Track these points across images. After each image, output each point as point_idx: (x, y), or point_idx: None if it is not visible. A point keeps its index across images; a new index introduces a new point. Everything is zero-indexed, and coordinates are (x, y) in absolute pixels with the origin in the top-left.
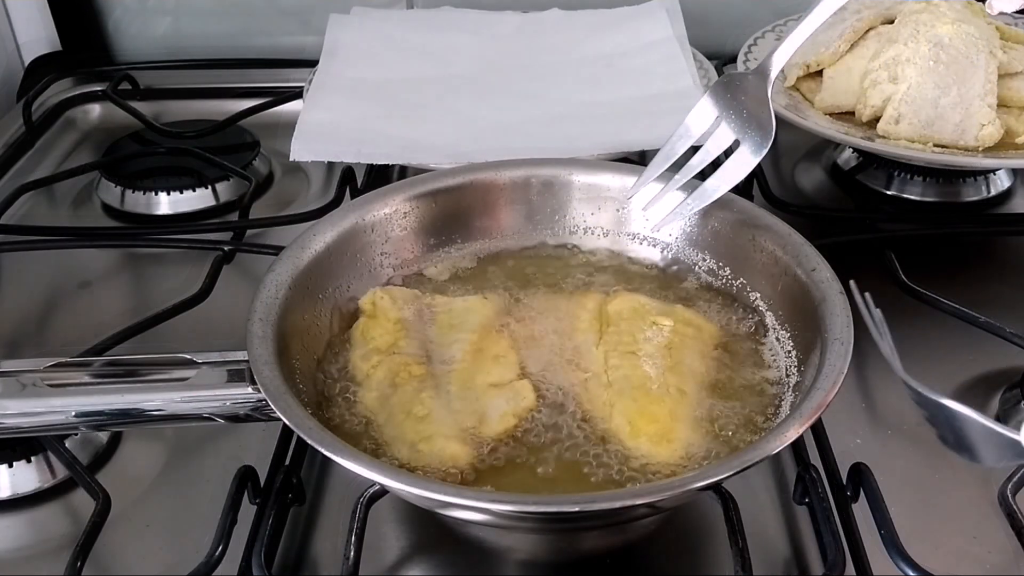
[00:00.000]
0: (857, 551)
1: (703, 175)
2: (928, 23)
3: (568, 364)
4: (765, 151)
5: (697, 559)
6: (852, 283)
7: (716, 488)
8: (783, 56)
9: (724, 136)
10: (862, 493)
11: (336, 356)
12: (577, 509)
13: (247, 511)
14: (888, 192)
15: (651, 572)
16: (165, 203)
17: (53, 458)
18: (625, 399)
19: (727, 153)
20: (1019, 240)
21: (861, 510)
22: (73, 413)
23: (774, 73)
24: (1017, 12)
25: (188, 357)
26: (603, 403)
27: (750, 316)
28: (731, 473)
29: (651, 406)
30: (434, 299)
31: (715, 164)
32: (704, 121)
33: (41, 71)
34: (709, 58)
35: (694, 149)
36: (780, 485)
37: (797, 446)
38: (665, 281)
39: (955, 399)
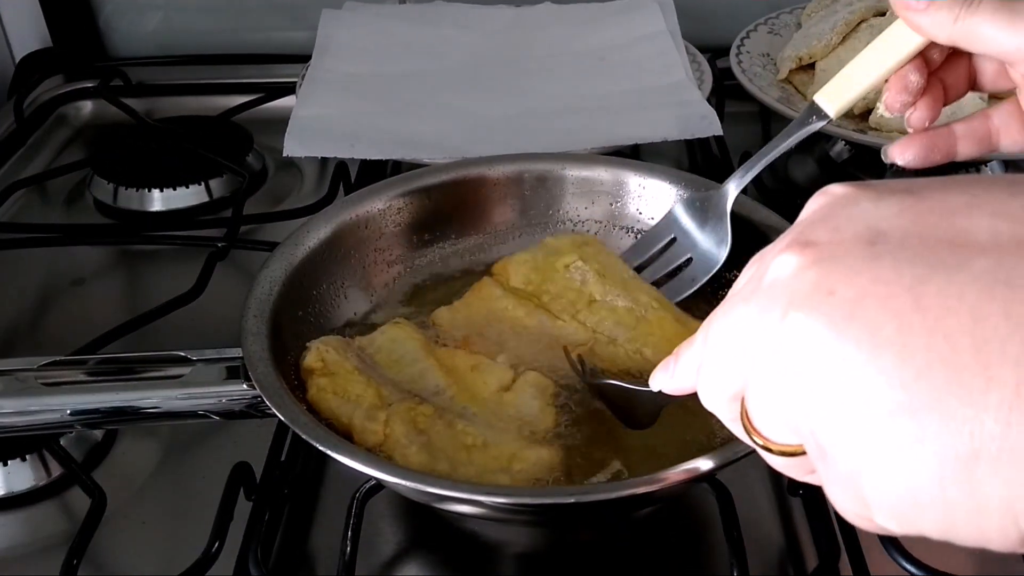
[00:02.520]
0: (852, 542)
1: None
2: None
3: (548, 342)
4: (717, 265)
5: (692, 551)
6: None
7: (710, 480)
8: (745, 179)
9: (677, 252)
10: None
11: None
12: (572, 501)
13: (243, 508)
14: None
15: (646, 564)
16: (158, 199)
17: (48, 456)
18: (634, 333)
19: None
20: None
21: None
22: (68, 411)
23: (730, 199)
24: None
25: (183, 354)
26: (612, 353)
27: None
28: (724, 463)
29: (663, 323)
30: (356, 341)
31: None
32: (660, 238)
33: (32, 68)
34: (702, 51)
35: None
36: (775, 476)
37: None
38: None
39: None
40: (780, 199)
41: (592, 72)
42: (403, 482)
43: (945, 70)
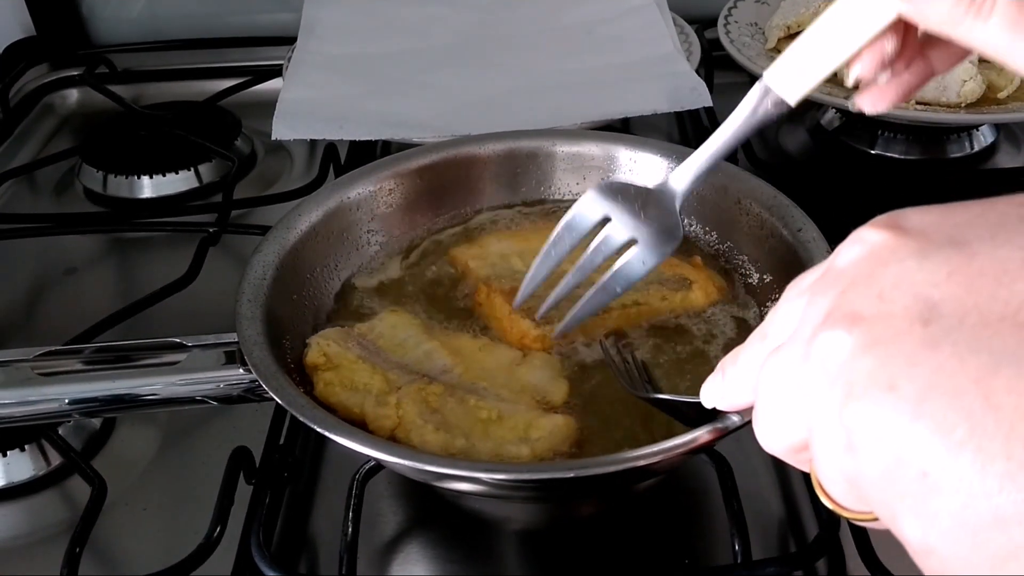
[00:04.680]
0: None
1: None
2: None
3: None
4: (671, 249)
5: (693, 522)
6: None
7: (710, 451)
8: (685, 176)
9: (617, 234)
10: None
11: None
12: (572, 475)
13: (244, 492)
14: (872, 152)
15: (647, 537)
16: (148, 186)
17: (47, 446)
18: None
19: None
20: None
21: None
22: (66, 401)
23: (680, 199)
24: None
25: (178, 341)
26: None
27: (738, 278)
28: (722, 434)
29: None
30: (356, 328)
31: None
32: (589, 219)
33: (16, 57)
34: (689, 22)
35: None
36: None
37: None
38: None
39: None
40: (771, 169)
41: (580, 46)
42: (401, 461)
43: (932, 45)
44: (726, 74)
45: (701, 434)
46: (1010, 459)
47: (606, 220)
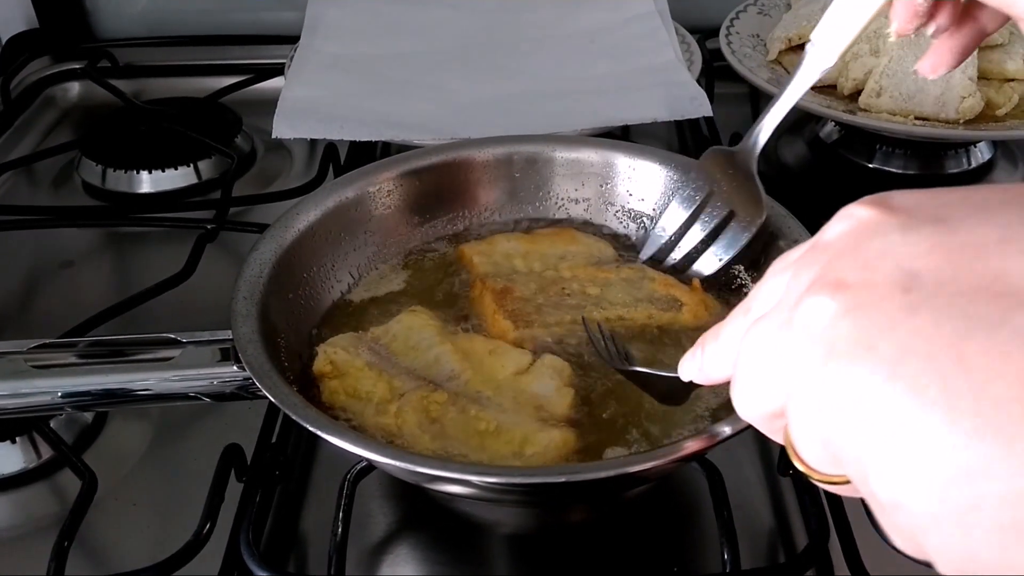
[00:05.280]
0: (841, 521)
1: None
2: None
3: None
4: (758, 226)
5: (683, 530)
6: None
7: (701, 460)
8: (766, 132)
9: (719, 208)
10: None
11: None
12: (563, 480)
13: (234, 489)
14: (870, 165)
15: (637, 544)
16: (147, 181)
17: (38, 438)
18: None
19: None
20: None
21: None
22: (59, 394)
23: (758, 150)
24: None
25: (173, 337)
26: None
27: (734, 288)
28: (713, 443)
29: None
30: (370, 333)
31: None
32: (696, 195)
33: (19, 49)
34: (691, 32)
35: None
36: (764, 456)
37: None
38: None
39: None
40: (769, 181)
41: (581, 53)
42: (392, 462)
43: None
44: (727, 84)
45: (692, 443)
46: (977, 415)
47: (711, 194)
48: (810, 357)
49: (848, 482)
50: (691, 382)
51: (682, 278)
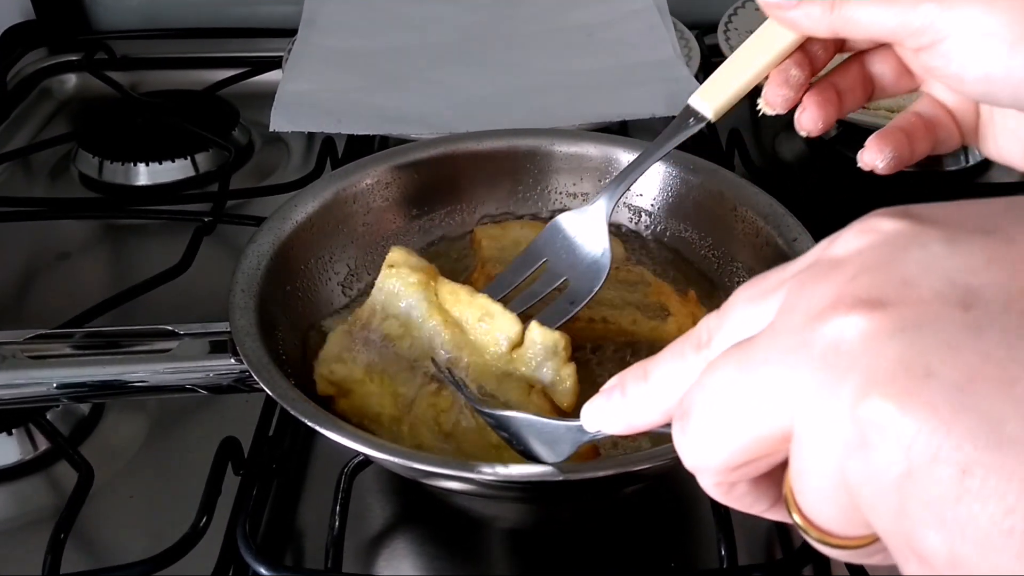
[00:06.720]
0: None
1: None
2: None
3: None
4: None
5: (680, 526)
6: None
7: None
8: (621, 191)
9: (551, 277)
10: None
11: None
12: (561, 478)
13: (231, 483)
14: None
15: (635, 539)
16: (144, 174)
17: (34, 430)
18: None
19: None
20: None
21: None
22: (55, 385)
23: (606, 214)
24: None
25: (170, 328)
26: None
27: (732, 287)
28: None
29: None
30: (355, 314)
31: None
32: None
33: (15, 40)
34: (690, 27)
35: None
36: None
37: None
38: (647, 251)
39: None
40: (767, 177)
41: (579, 48)
42: (389, 457)
43: (838, 75)
44: None
45: None
46: None
47: (544, 263)
48: (837, 388)
49: (866, 545)
50: (586, 433)
51: (677, 287)
